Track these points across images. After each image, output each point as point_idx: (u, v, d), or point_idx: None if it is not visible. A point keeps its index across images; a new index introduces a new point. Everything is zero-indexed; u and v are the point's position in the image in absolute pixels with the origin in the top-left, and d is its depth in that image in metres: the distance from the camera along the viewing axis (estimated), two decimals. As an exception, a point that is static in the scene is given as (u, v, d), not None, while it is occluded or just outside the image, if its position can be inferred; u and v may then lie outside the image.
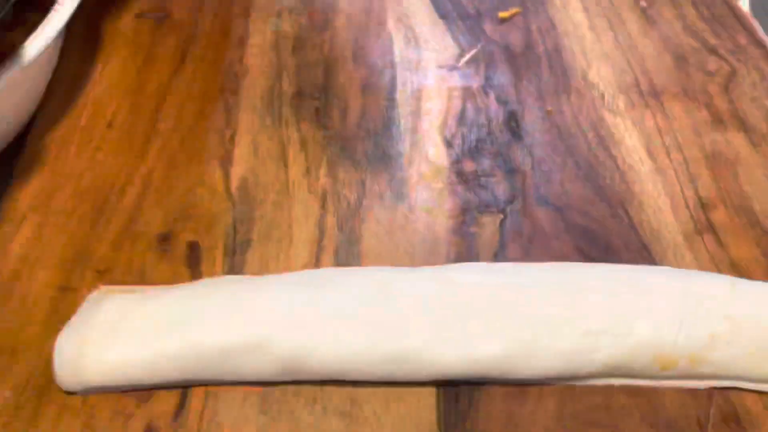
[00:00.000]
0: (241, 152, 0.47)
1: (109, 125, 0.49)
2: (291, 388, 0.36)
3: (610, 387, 0.35)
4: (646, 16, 0.56)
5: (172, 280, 0.40)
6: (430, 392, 0.35)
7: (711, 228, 0.42)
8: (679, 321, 0.34)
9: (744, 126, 0.48)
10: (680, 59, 0.53)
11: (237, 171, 0.46)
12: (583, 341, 0.34)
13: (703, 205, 0.43)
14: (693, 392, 0.35)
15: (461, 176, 0.45)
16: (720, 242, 0.41)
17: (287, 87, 0.51)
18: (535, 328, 0.34)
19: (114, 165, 0.46)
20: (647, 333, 0.34)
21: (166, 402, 0.35)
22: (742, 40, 0.54)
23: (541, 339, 0.34)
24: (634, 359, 0.34)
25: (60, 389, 0.35)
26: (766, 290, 0.36)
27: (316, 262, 0.41)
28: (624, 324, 0.34)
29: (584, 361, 0.34)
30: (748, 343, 0.34)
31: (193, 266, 0.41)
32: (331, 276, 0.37)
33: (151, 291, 0.37)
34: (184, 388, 0.36)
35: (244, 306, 0.35)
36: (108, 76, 0.53)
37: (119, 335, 0.35)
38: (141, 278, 0.40)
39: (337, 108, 0.50)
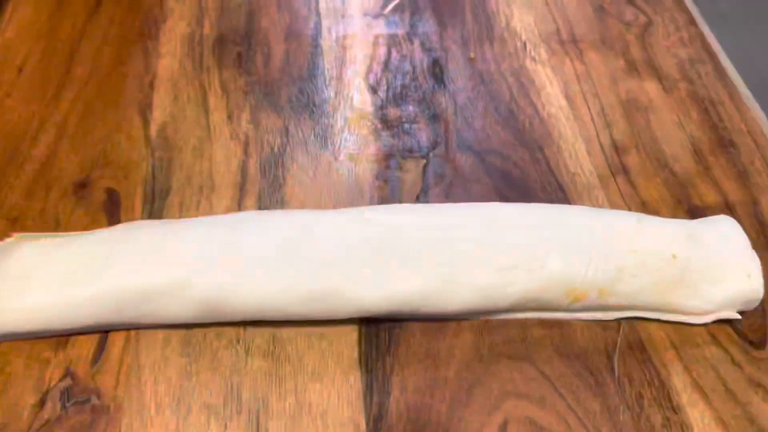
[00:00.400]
0: (160, 98, 0.46)
1: (20, 71, 0.47)
2: (213, 330, 0.36)
3: (525, 321, 0.37)
4: (569, -33, 0.57)
5: (89, 227, 0.39)
6: (352, 330, 0.36)
7: (624, 170, 0.44)
8: (588, 256, 0.36)
9: (658, 74, 0.49)
10: (599, 9, 0.54)
11: (156, 117, 0.45)
12: (498, 276, 0.35)
13: (617, 149, 0.45)
14: (602, 324, 0.37)
15: (385, 122, 0.45)
16: (632, 183, 0.43)
17: (209, 32, 0.50)
18: (452, 264, 0.35)
19: (25, 112, 0.45)
20: (559, 267, 0.35)
21: (85, 347, 0.35)
22: (659, -9, 0.56)
23: (458, 275, 0.35)
24: (547, 292, 0.35)
25: (-29, 338, 0.35)
26: (669, 226, 0.38)
27: (239, 208, 0.40)
28: (537, 259, 0.35)
29: (500, 295, 0.35)
30: (651, 274, 0.36)
31: (111, 213, 0.40)
32: (251, 218, 0.37)
33: (66, 237, 0.36)
34: (103, 332, 0.35)
35: (163, 248, 0.35)
36: (18, 20, 0.50)
37: (33, 281, 0.34)
38: (56, 226, 0.39)
39: (260, 54, 0.49)
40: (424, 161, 0.43)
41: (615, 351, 0.36)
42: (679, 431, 0.33)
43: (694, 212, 0.41)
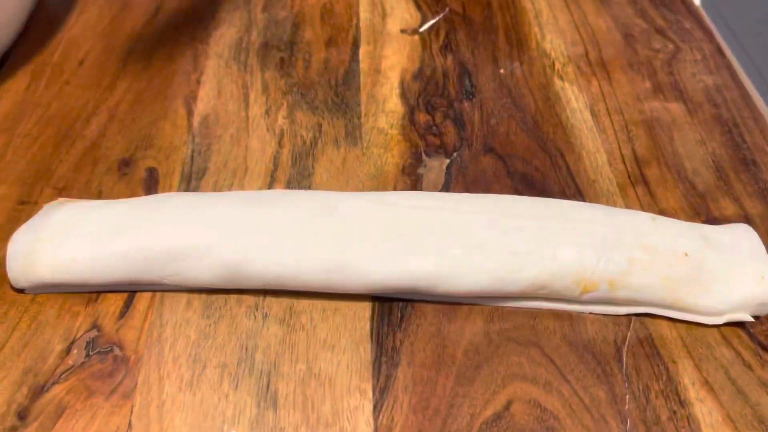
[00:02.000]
0: (205, 92, 0.49)
1: (81, 63, 0.51)
2: (234, 296, 0.37)
3: (536, 311, 0.38)
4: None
5: (128, 199, 0.41)
6: (366, 306, 0.37)
7: (643, 180, 0.45)
8: (600, 248, 0.37)
9: (682, 96, 0.51)
10: (629, 37, 0.56)
11: (200, 108, 0.48)
12: (509, 261, 0.36)
13: (638, 161, 0.46)
14: (613, 319, 0.37)
15: (414, 125, 0.47)
16: (650, 193, 0.44)
17: (255, 39, 0.53)
18: (465, 247, 0.36)
19: (81, 97, 0.48)
20: (570, 256, 0.36)
21: (113, 303, 0.37)
22: (688, 24, 0.57)
23: (470, 257, 0.36)
24: (557, 280, 0.36)
25: (12, 288, 0.37)
26: (683, 226, 0.38)
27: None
28: (549, 247, 0.36)
29: (510, 280, 0.36)
30: (662, 270, 0.36)
31: (150, 189, 0.43)
32: (279, 194, 0.39)
33: (104, 201, 0.39)
34: (131, 292, 0.37)
35: (193, 213, 0.37)
36: (84, 21, 0.55)
37: (71, 236, 0.36)
38: (98, 197, 0.42)
39: (301, 60, 0.52)
40: (448, 161, 0.45)
41: (624, 343, 0.36)
42: (685, 424, 0.33)
43: (712, 222, 0.42)
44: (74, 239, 0.36)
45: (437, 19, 0.56)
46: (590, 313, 0.37)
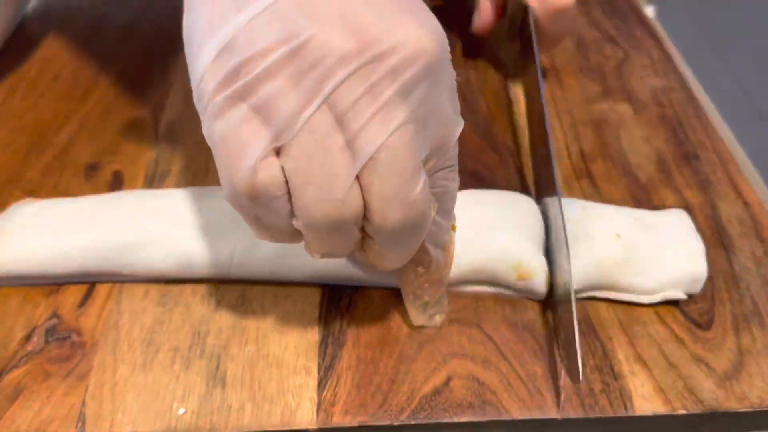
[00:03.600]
0: (172, 102, 0.51)
1: (55, 78, 0.54)
2: (189, 286, 0.39)
3: (479, 293, 0.39)
4: (556, 11, 0.62)
5: (93, 200, 0.43)
6: (316, 292, 0.39)
7: (588, 175, 0.46)
8: (536, 237, 0.38)
9: (630, 98, 0.53)
10: (580, 45, 0.58)
11: (167, 116, 0.50)
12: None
13: (584, 157, 0.48)
14: (552, 303, 0.39)
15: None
16: (595, 186, 0.46)
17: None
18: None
19: (54, 108, 0.51)
20: (506, 243, 0.38)
21: (74, 294, 0.39)
22: (638, 33, 0.60)
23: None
24: (495, 265, 0.38)
25: (-24, 281, 0.39)
26: (614, 210, 0.40)
27: (228, 191, 0.45)
28: (489, 234, 0.38)
29: (456, 262, 0.38)
30: (594, 254, 0.38)
31: (115, 190, 0.45)
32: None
33: (66, 198, 0.41)
34: (92, 283, 0.39)
35: (147, 208, 0.39)
36: (60, 40, 0.58)
37: (33, 229, 0.38)
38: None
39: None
40: (401, 160, 0.47)
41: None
42: (617, 396, 0.35)
43: (653, 211, 0.44)
44: (34, 233, 0.38)
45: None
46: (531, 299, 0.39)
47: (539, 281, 0.38)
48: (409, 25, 0.26)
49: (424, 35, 0.26)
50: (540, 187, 0.44)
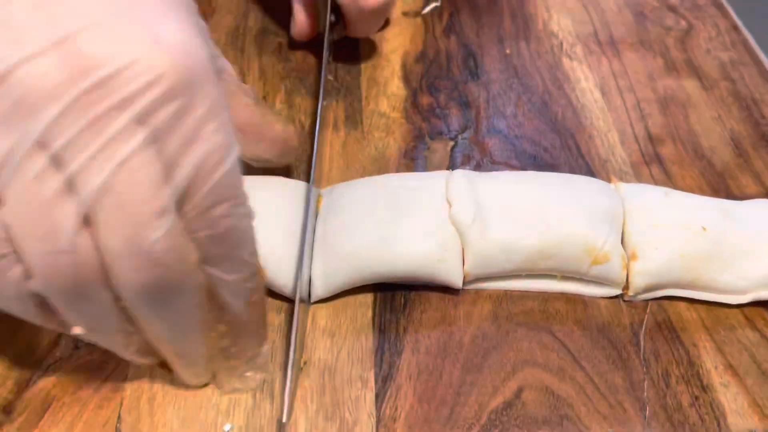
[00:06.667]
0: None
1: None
2: (229, 285, 0.36)
3: (547, 294, 0.36)
4: (610, -22, 0.58)
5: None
6: (368, 293, 0.35)
7: (658, 159, 0.42)
8: (610, 219, 0.35)
9: (697, 73, 0.49)
10: (639, 15, 0.54)
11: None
12: (514, 229, 0.34)
13: (652, 140, 0.44)
14: (627, 302, 0.35)
15: (416, 107, 0.46)
16: (666, 172, 0.42)
17: (253, 24, 0.52)
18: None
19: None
20: (578, 224, 0.34)
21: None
22: (701, 1, 0.55)
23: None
24: (565, 248, 0.34)
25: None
26: (699, 200, 0.36)
27: (266, 177, 0.41)
28: (557, 215, 0.34)
29: (515, 248, 0.34)
30: (678, 246, 0.34)
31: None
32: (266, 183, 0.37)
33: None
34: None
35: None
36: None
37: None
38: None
39: (300, 44, 0.50)
40: (453, 143, 0.43)
41: (641, 327, 0.34)
42: (708, 410, 0.31)
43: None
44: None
45: (439, 2, 0.55)
46: (603, 297, 0.35)
47: (616, 266, 0.34)
48: (144, 40, 0.22)
49: (162, 53, 0.22)
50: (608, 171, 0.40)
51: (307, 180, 0.38)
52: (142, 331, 0.27)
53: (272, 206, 0.35)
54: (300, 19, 0.47)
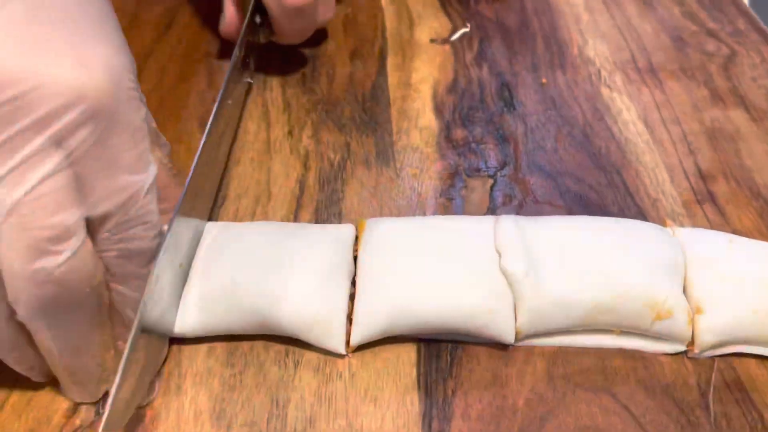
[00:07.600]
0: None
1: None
2: (261, 342, 0.33)
3: (604, 350, 0.33)
4: (644, 0, 0.55)
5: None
6: (410, 349, 0.33)
7: (711, 198, 0.40)
8: (672, 271, 0.32)
9: (744, 103, 0.46)
10: (678, 40, 0.51)
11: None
12: (570, 281, 0.31)
13: (703, 176, 0.41)
14: (692, 359, 0.33)
15: (451, 142, 0.43)
16: (721, 212, 0.39)
17: (274, 54, 0.50)
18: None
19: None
20: (638, 276, 0.31)
21: (125, 352, 0.33)
22: (741, 25, 0.53)
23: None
24: (624, 303, 0.31)
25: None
26: (765, 249, 0.34)
27: (295, 219, 0.39)
28: (614, 266, 0.32)
29: (571, 303, 0.31)
30: (749, 301, 0.31)
31: (164, 220, 0.38)
32: (306, 228, 0.35)
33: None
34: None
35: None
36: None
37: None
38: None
39: (324, 75, 0.48)
40: (492, 181, 0.41)
41: (709, 388, 0.32)
42: (790, 485, 0.29)
43: (795, 244, 0.37)
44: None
45: (469, 27, 0.52)
46: (665, 354, 0.33)
47: (681, 321, 0.31)
48: (64, 60, 0.21)
49: (83, 74, 0.22)
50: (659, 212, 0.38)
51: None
52: (38, 347, 0.27)
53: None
54: (229, 14, 0.45)
